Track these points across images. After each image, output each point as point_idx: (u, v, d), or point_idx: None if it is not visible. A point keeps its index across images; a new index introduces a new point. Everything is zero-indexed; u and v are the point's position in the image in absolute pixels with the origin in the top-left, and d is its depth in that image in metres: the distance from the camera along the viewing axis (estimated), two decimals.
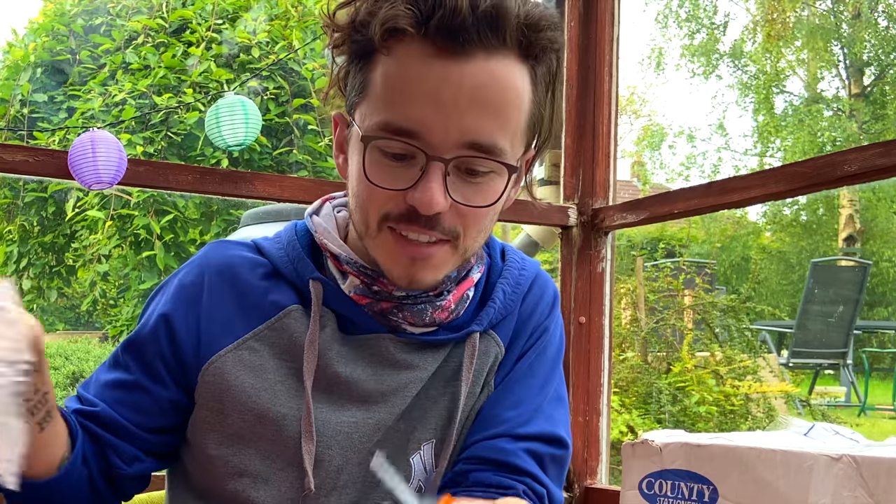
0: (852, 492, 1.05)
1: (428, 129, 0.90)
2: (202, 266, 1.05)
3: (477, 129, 0.91)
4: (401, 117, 0.91)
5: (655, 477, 1.26)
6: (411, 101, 0.91)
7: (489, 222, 0.99)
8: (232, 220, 6.45)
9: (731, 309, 4.66)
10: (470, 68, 0.90)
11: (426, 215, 0.92)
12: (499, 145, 0.92)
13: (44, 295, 7.53)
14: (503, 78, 0.91)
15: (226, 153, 6.18)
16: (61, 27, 7.05)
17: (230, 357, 1.01)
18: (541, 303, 1.13)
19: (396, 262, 0.96)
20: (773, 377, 4.66)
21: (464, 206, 0.94)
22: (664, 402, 4.01)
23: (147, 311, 1.07)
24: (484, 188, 0.94)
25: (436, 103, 0.90)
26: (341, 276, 1.03)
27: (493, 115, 0.91)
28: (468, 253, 0.99)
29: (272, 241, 1.08)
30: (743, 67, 17.78)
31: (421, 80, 0.90)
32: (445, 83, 0.89)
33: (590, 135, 2.04)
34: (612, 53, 2.05)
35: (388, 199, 0.94)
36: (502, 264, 1.12)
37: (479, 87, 0.90)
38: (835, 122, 16.32)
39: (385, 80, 0.93)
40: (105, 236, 6.57)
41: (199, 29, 6.65)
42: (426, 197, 0.91)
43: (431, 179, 0.91)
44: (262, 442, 1.00)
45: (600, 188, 2.03)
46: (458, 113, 0.90)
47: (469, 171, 0.93)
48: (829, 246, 15.92)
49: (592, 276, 2.02)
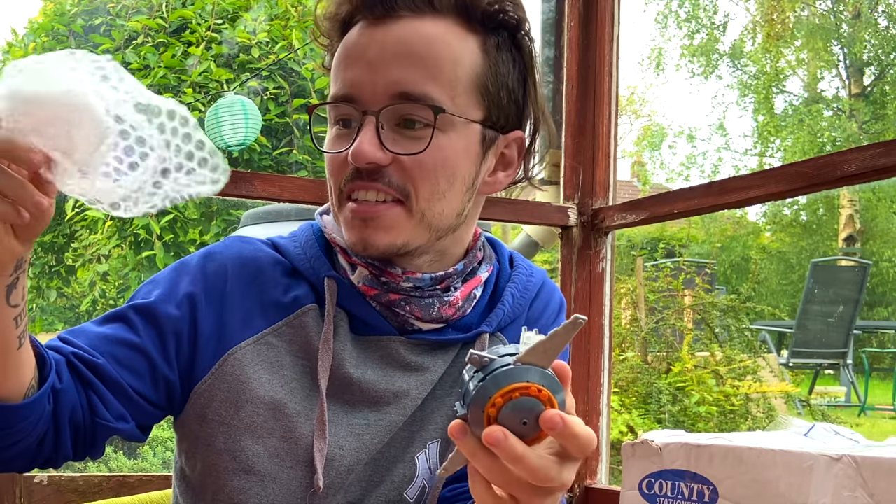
0: (852, 492, 1.05)
1: (359, 88, 0.96)
2: (225, 257, 1.04)
3: (403, 80, 0.95)
4: (338, 85, 0.99)
5: (655, 477, 1.27)
6: (346, 67, 0.98)
7: (445, 184, 0.98)
8: (232, 220, 6.45)
9: (731, 309, 4.66)
10: (396, 28, 0.97)
11: (361, 168, 0.95)
12: (431, 95, 0.95)
13: (43, 295, 7.53)
14: (430, 34, 0.97)
15: (226, 153, 6.18)
16: (61, 27, 7.05)
17: (250, 350, 1.01)
18: (547, 309, 1.14)
19: (351, 226, 0.99)
20: (773, 377, 4.66)
21: (407, 159, 0.95)
22: (664, 402, 4.01)
23: (162, 286, 1.03)
24: (423, 141, 0.96)
25: (364, 63, 0.96)
26: (351, 268, 1.04)
27: (419, 65, 0.95)
28: (429, 220, 0.98)
29: (289, 240, 1.09)
30: (743, 67, 17.79)
31: (353, 47, 0.98)
32: (371, 44, 0.97)
33: (590, 135, 2.04)
34: (612, 53, 2.05)
35: (339, 169, 0.99)
36: (511, 270, 1.13)
37: (402, 42, 0.96)
38: (835, 122, 16.33)
39: (336, 57, 1.01)
40: (105, 236, 6.57)
41: (199, 29, 6.66)
42: (356, 147, 0.95)
43: (363, 132, 0.95)
44: (272, 438, 1.00)
45: (600, 188, 2.03)
46: (383, 66, 0.95)
47: (406, 125, 0.96)
48: (829, 246, 15.92)
49: (592, 276, 2.02)
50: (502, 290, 1.11)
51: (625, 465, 1.31)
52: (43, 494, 1.58)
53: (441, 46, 0.96)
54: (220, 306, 1.01)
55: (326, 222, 1.08)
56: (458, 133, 0.97)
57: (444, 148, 0.96)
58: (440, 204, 0.99)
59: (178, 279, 1.03)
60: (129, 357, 0.98)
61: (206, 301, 1.01)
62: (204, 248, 1.08)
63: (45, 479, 1.61)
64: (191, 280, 1.02)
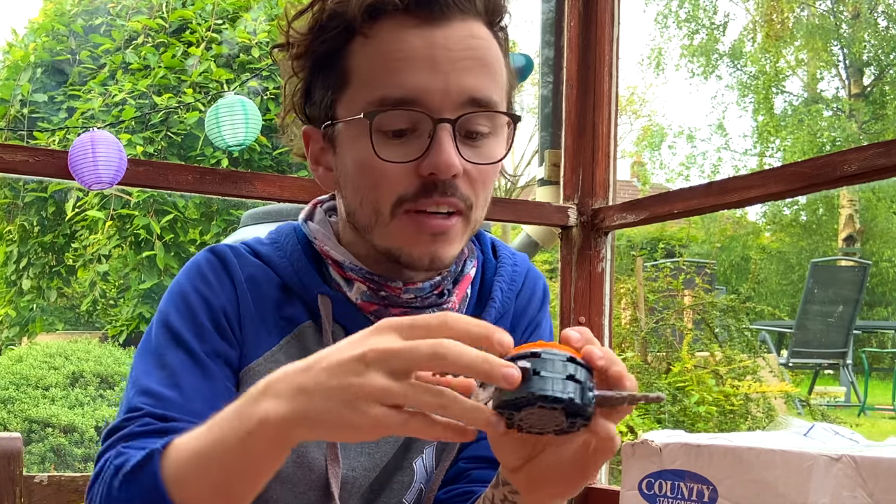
0: (852, 492, 1.05)
1: (428, 92, 0.90)
2: (232, 273, 1.00)
3: (474, 86, 0.91)
4: (397, 89, 0.90)
5: (655, 477, 1.26)
6: (404, 70, 0.90)
7: (490, 190, 0.98)
8: (232, 220, 6.45)
9: (730, 309, 4.66)
10: (453, 31, 0.91)
11: (443, 182, 0.90)
12: (495, 100, 0.93)
13: (44, 295, 7.53)
14: (484, 37, 0.94)
15: (226, 153, 6.18)
16: (61, 27, 7.05)
17: (261, 369, 0.97)
18: (533, 298, 1.13)
19: (416, 241, 0.93)
20: (773, 377, 4.66)
21: (474, 169, 0.92)
22: (664, 402, 4.01)
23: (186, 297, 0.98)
24: (486, 150, 0.94)
25: (430, 66, 0.90)
26: (346, 283, 1.00)
27: (485, 70, 0.92)
28: (475, 225, 0.98)
29: (272, 248, 1.04)
30: (742, 68, 17.78)
31: (410, 49, 0.90)
32: (434, 47, 0.90)
33: (590, 135, 2.04)
34: (612, 53, 2.05)
35: (399, 180, 0.91)
36: (496, 261, 1.11)
37: (466, 47, 0.91)
38: (835, 122, 16.32)
39: (371, 60, 0.92)
40: (105, 236, 6.57)
41: (199, 29, 6.66)
42: (443, 159, 0.89)
43: (443, 141, 0.90)
44: (285, 465, 0.95)
45: (600, 188, 2.03)
46: (453, 72, 0.90)
47: (469, 135, 0.93)
48: (829, 246, 15.92)
49: (592, 276, 2.02)
50: (489, 284, 1.08)
51: (624, 465, 1.31)
52: (43, 494, 1.58)
53: (494, 52, 0.94)
54: (240, 325, 0.99)
55: (315, 232, 1.04)
56: (502, 137, 0.96)
57: (498, 154, 0.95)
58: (485, 208, 0.98)
59: (196, 289, 0.98)
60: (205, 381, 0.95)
61: (236, 318, 0.99)
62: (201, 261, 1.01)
63: (45, 479, 1.61)
64: (217, 293, 0.98)
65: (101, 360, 5.33)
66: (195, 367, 0.94)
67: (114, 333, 7.16)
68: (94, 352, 5.47)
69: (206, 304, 0.97)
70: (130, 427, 0.89)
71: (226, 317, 0.97)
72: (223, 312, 0.97)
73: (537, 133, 2.91)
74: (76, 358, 5.30)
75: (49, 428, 4.75)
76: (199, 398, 0.92)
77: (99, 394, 5.13)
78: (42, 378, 5.05)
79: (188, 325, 0.96)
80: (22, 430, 4.67)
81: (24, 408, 4.82)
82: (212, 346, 0.96)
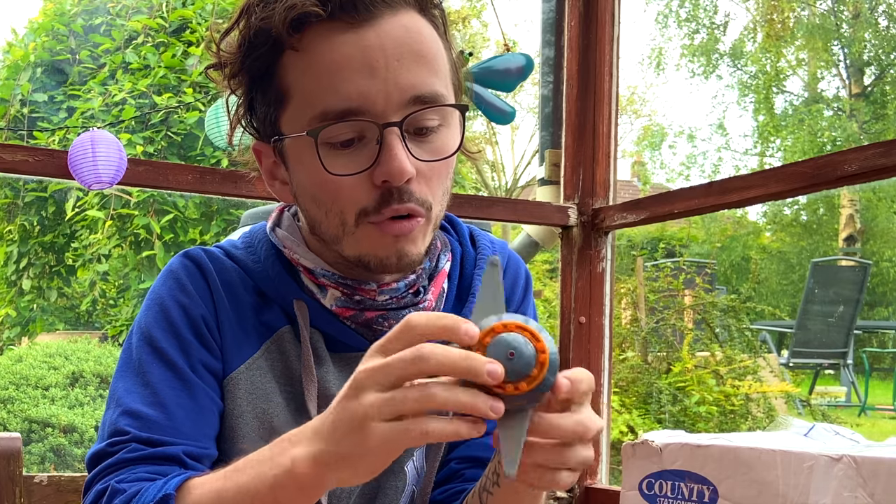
0: (852, 492, 1.05)
1: (369, 98, 0.87)
2: (208, 279, 0.99)
3: (415, 83, 0.88)
4: (337, 100, 0.88)
5: (655, 477, 1.26)
6: (341, 80, 0.87)
7: (449, 182, 0.96)
8: (232, 219, 6.44)
9: (731, 309, 4.66)
10: (384, 28, 0.88)
11: (398, 189, 0.88)
12: (439, 92, 0.90)
13: (44, 295, 7.53)
14: (416, 28, 0.90)
15: (226, 153, 6.17)
16: (61, 27, 7.05)
17: (243, 378, 0.97)
18: (516, 287, 1.12)
19: (381, 244, 0.92)
20: (774, 377, 4.65)
21: (426, 167, 0.90)
22: (664, 402, 4.01)
23: (166, 308, 0.97)
24: (438, 143, 0.92)
25: (367, 71, 0.87)
26: (319, 289, 0.99)
27: (424, 63, 0.89)
28: (437, 220, 0.96)
29: (245, 252, 1.02)
30: (743, 67, 17.78)
31: (343, 56, 0.87)
32: (368, 49, 0.87)
33: (590, 135, 2.03)
34: (613, 53, 2.05)
35: (356, 192, 0.90)
36: (474, 252, 1.09)
37: (401, 43, 0.88)
38: (835, 122, 16.32)
39: (305, 74, 0.89)
40: (105, 236, 6.57)
41: (199, 29, 6.65)
42: (395, 165, 0.87)
43: (393, 146, 0.87)
44: None
45: (600, 188, 2.03)
46: (392, 72, 0.87)
47: (419, 132, 0.90)
48: (830, 246, 15.92)
49: (592, 276, 2.02)
50: (469, 277, 1.07)
51: (625, 465, 1.31)
52: (43, 494, 1.58)
53: (429, 42, 0.91)
54: (220, 332, 0.98)
55: (284, 240, 1.02)
56: (453, 126, 0.94)
57: (451, 146, 0.93)
58: (446, 199, 0.96)
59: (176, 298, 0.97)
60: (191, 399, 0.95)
61: (215, 325, 0.98)
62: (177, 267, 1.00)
63: (45, 479, 1.61)
64: (194, 302, 0.97)
65: (101, 360, 5.33)
66: (179, 384, 0.94)
67: (114, 333, 7.16)
68: (94, 352, 5.47)
69: (186, 315, 0.96)
70: (118, 454, 0.89)
71: (206, 325, 0.96)
72: (203, 321, 0.96)
73: (538, 133, 2.90)
74: (76, 358, 5.30)
75: (49, 428, 4.75)
76: (184, 416, 0.92)
77: (99, 394, 5.13)
78: (42, 378, 5.05)
79: (170, 340, 0.95)
80: (22, 430, 4.67)
81: (23, 408, 4.82)
82: (196, 359, 0.95)
